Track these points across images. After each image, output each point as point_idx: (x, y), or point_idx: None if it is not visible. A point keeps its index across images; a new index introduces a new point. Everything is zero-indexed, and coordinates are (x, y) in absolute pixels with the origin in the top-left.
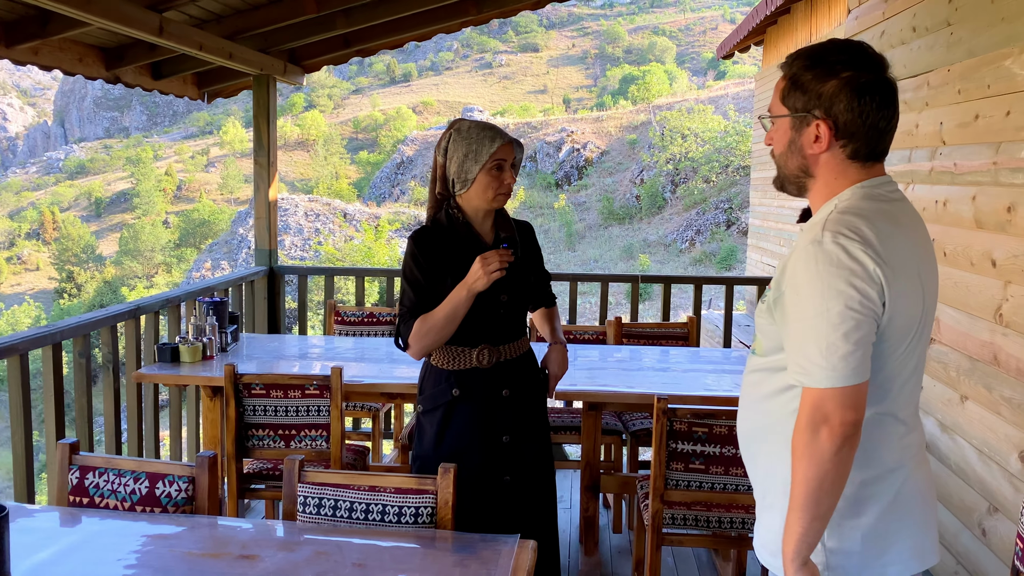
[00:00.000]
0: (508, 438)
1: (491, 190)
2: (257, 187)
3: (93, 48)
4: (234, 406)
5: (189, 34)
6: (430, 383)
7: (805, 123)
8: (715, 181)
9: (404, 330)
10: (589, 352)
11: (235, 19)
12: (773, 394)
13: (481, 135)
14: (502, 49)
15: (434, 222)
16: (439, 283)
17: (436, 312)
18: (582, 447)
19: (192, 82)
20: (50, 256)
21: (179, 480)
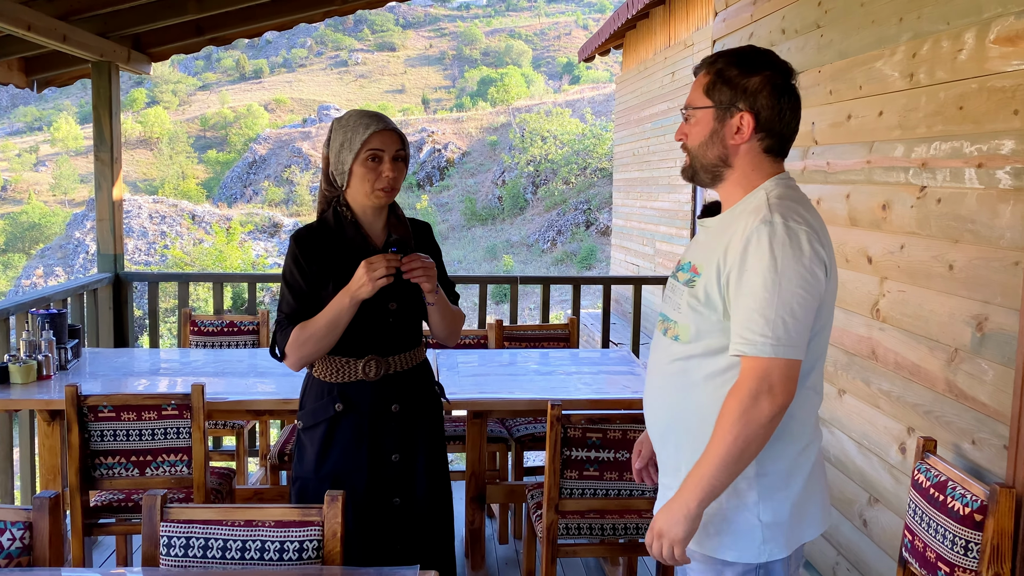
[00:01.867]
0: (398, 457)
1: (367, 183)
2: (99, 186)
3: None
4: (78, 432)
5: (14, 12)
6: (311, 397)
7: (729, 115)
8: (574, 183)
9: (281, 338)
10: (471, 356)
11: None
12: (706, 379)
13: (356, 122)
14: (358, 47)
15: (320, 221)
16: (322, 288)
17: (316, 320)
18: (467, 457)
19: (19, 68)
20: None
21: (12, 528)
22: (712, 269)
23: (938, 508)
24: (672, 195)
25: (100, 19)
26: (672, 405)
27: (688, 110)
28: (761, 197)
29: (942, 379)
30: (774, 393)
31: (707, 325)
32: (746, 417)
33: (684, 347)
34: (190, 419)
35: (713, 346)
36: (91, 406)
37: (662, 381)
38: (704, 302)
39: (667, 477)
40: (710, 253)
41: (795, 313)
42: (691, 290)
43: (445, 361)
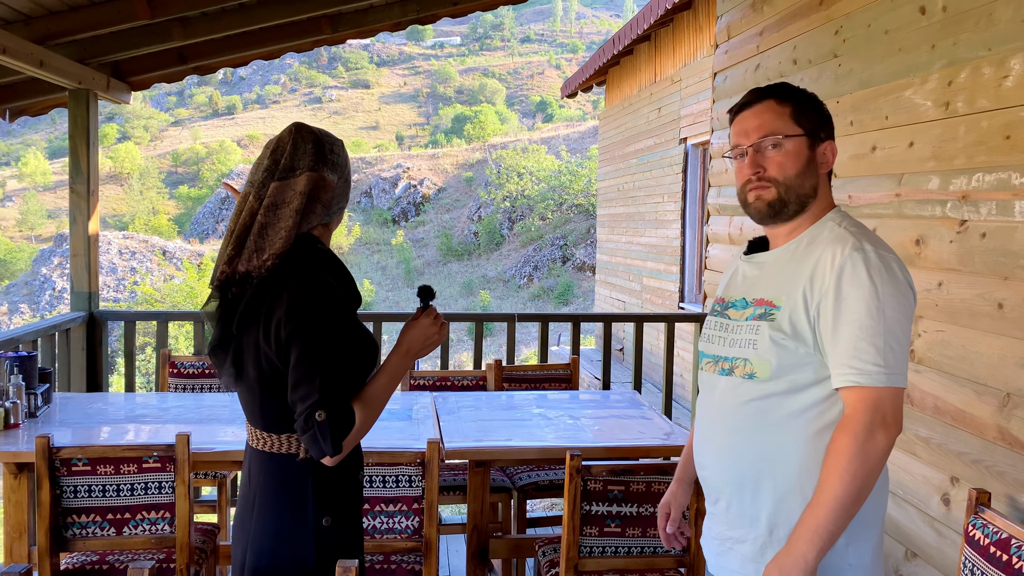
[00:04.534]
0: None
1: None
2: (73, 219)
3: None
4: (48, 488)
5: None
6: (337, 483)
7: (818, 143)
8: (550, 218)
9: (342, 427)
10: (470, 400)
11: (47, 21)
12: (790, 418)
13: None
14: (332, 84)
15: (326, 263)
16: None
17: (377, 394)
18: (468, 508)
19: None
20: None
21: None
22: (796, 300)
23: (1002, 569)
24: (660, 231)
25: (79, 44)
26: (749, 449)
27: (773, 138)
28: (833, 228)
29: (992, 425)
30: (888, 424)
31: (793, 359)
32: (863, 453)
33: (762, 385)
34: (174, 472)
35: (799, 381)
36: (64, 459)
37: (732, 424)
38: (791, 335)
39: (738, 530)
40: (786, 284)
41: (899, 340)
42: (772, 323)
43: (443, 404)
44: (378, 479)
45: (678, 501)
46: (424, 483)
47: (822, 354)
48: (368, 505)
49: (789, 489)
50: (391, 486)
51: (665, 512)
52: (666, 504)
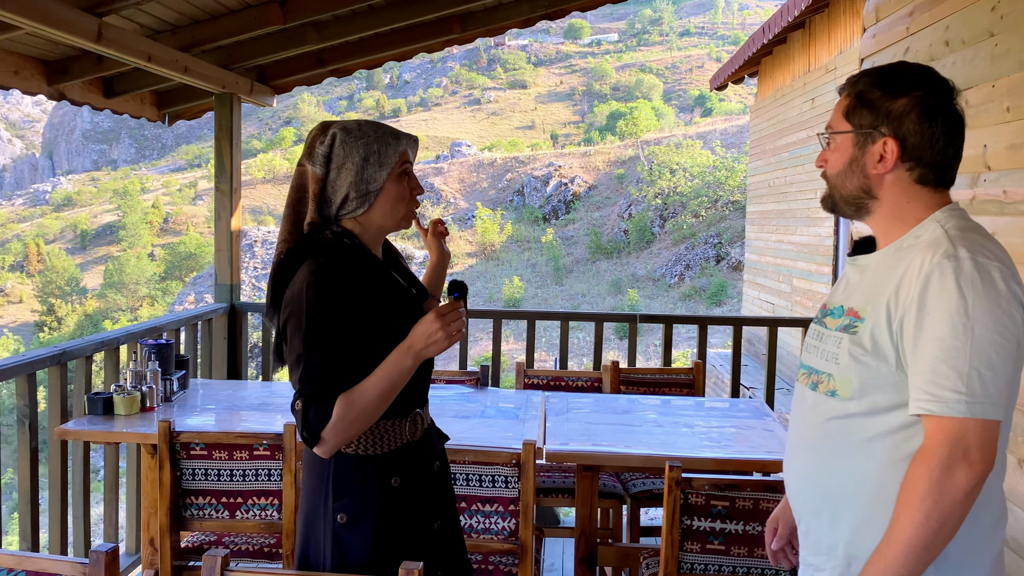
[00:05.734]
0: (440, 524)
1: (403, 204)
2: (218, 216)
3: (31, 60)
4: (169, 469)
5: (134, 43)
6: (350, 479)
7: (870, 141)
8: (704, 216)
9: (316, 418)
10: (583, 402)
11: (192, 30)
12: (871, 441)
13: (381, 132)
14: (491, 86)
15: (331, 255)
16: (356, 341)
17: (365, 390)
18: (576, 513)
19: (151, 102)
20: (33, 289)
21: None
22: (879, 313)
23: None
24: (812, 228)
25: (223, 51)
26: (828, 472)
27: (827, 135)
28: (934, 230)
29: None
30: (971, 460)
31: (874, 378)
32: (938, 491)
33: (843, 404)
34: (282, 460)
35: (881, 403)
36: (183, 443)
37: (814, 444)
38: (871, 351)
39: (817, 556)
40: (873, 294)
41: (992, 364)
42: (853, 337)
43: (555, 406)
44: (474, 478)
45: (786, 518)
46: (520, 485)
47: (906, 375)
48: (465, 503)
49: (868, 519)
50: (487, 485)
51: (772, 527)
52: (774, 519)
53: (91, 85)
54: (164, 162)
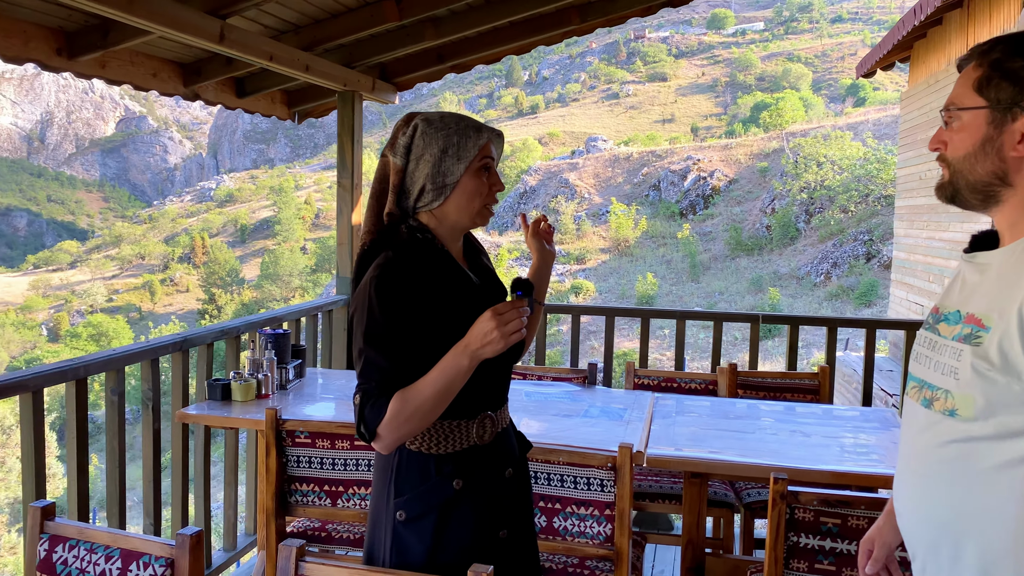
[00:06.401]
0: (506, 532)
1: (479, 199)
2: (340, 211)
3: (169, 63)
4: (276, 456)
5: (256, 43)
6: (411, 477)
7: (1010, 118)
8: (853, 211)
9: (372, 414)
10: (696, 405)
11: (313, 29)
12: (1000, 469)
13: (463, 125)
14: (629, 79)
15: (401, 250)
16: (419, 340)
17: (422, 388)
18: (683, 521)
19: (281, 100)
20: (198, 278)
21: (155, 563)
22: (1010, 321)
23: None
24: (966, 225)
25: (345, 49)
26: (947, 503)
27: (950, 111)
28: None
29: None
30: None
31: (1004, 397)
32: None
33: (965, 425)
34: None
35: (1012, 425)
36: (289, 430)
37: (929, 469)
38: (999, 366)
39: None
40: (1000, 299)
41: None
42: (976, 349)
43: (665, 408)
44: (568, 479)
45: (883, 539)
46: (616, 489)
47: None
48: (559, 505)
49: (999, 558)
50: (582, 488)
51: (867, 549)
52: (869, 540)
53: (223, 85)
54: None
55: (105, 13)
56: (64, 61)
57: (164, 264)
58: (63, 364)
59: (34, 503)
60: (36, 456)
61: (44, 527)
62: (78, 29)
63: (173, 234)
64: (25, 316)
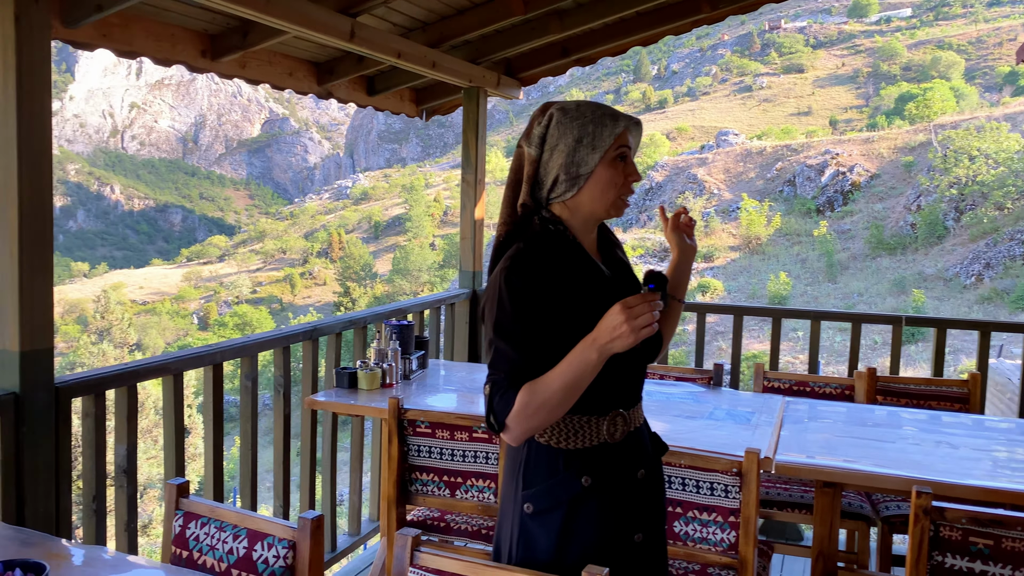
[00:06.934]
0: (641, 536)
1: (613, 190)
2: (464, 206)
3: (303, 62)
4: (397, 444)
5: (384, 40)
6: (540, 471)
7: None
8: (1010, 208)
9: (501, 405)
10: (830, 410)
11: (440, 26)
12: None
13: (598, 114)
14: (763, 71)
15: (533, 243)
16: (549, 333)
17: (549, 381)
18: (814, 532)
19: (409, 98)
20: (335, 272)
21: (279, 544)
22: None
23: None
24: None
25: (472, 45)
26: None
27: None
28: None
29: None
30: None
31: None
32: None
33: None
34: (498, 444)
35: None
36: (410, 419)
37: None
38: None
39: None
40: None
41: None
42: None
43: (796, 413)
44: (691, 483)
45: None
46: (741, 496)
47: None
48: (680, 509)
49: None
50: (705, 493)
51: None
52: None
53: (354, 84)
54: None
55: (244, 14)
56: (208, 62)
57: (304, 258)
58: (201, 350)
59: (171, 480)
60: (176, 435)
61: (179, 504)
62: (220, 31)
63: (312, 230)
64: (179, 305)
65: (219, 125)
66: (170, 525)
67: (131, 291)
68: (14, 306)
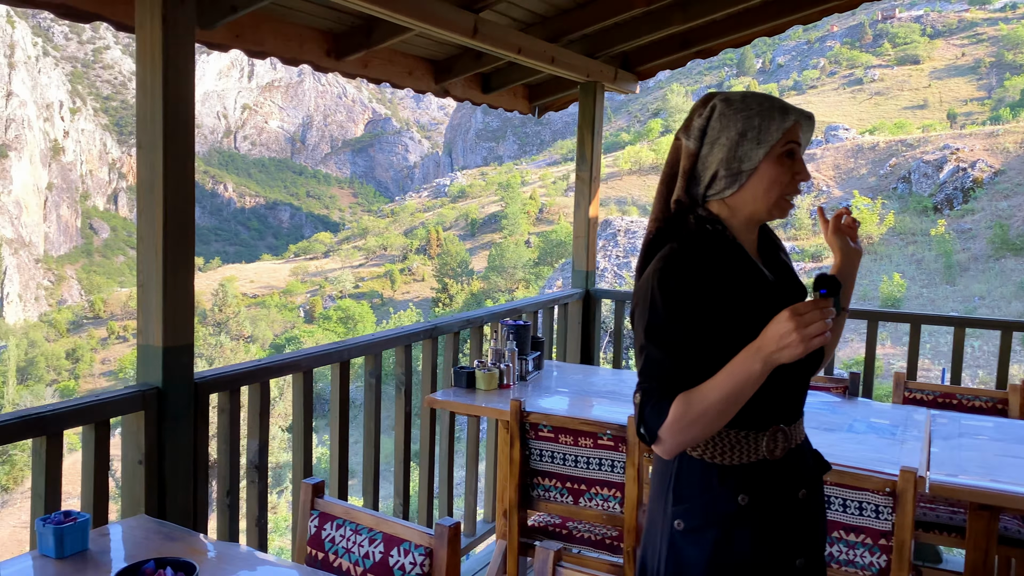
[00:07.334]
0: (802, 561)
1: (777, 188)
2: (577, 204)
3: (422, 60)
4: (519, 448)
5: (506, 36)
6: (693, 486)
7: None
8: None
9: (653, 416)
10: (981, 426)
11: (560, 20)
12: None
13: (766, 106)
14: (875, 63)
15: (688, 240)
16: (704, 337)
17: (707, 392)
18: (966, 557)
19: (522, 95)
20: (432, 269)
21: (415, 551)
22: None
23: None
24: None
25: (587, 39)
26: None
27: None
28: None
29: None
30: None
31: None
32: None
33: None
34: (625, 453)
35: None
36: (532, 423)
37: None
38: None
39: None
40: None
41: None
42: None
43: (943, 428)
44: (836, 501)
45: None
46: (895, 518)
47: None
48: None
49: None
50: (852, 512)
51: None
52: None
53: (470, 82)
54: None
55: (371, 11)
56: (333, 62)
57: (403, 255)
58: (329, 347)
59: (306, 480)
60: (305, 431)
61: (314, 504)
62: (345, 30)
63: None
64: (287, 299)
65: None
66: (305, 525)
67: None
68: (158, 303)
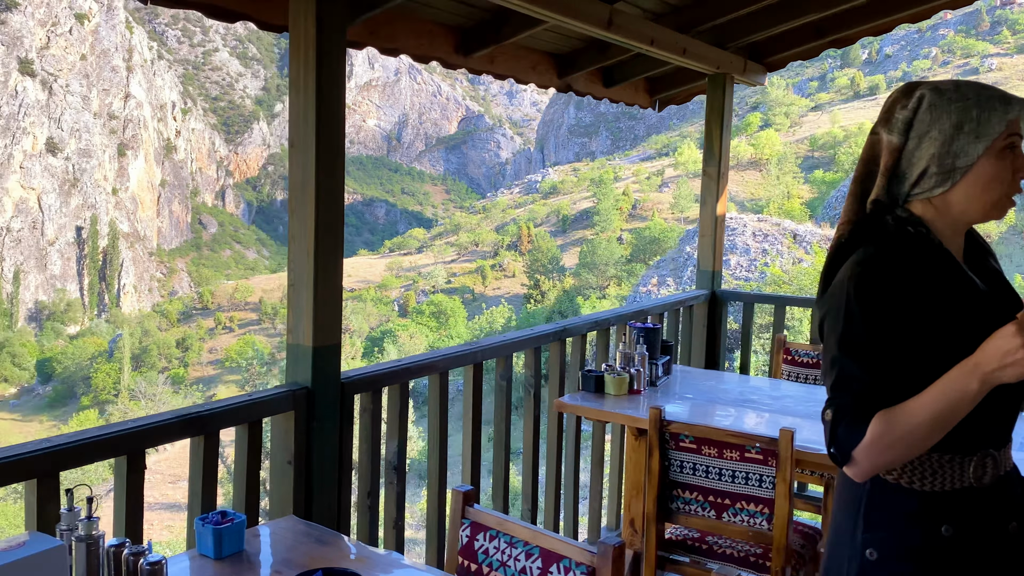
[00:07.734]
0: None
1: (998, 187)
2: (704, 201)
3: (546, 55)
4: (658, 458)
5: (639, 27)
6: (889, 512)
7: None
8: None
9: (847, 434)
10: None
11: (692, 10)
12: None
13: (984, 96)
14: (993, 52)
15: (887, 243)
16: (905, 350)
17: (914, 411)
18: None
19: (643, 89)
20: (523, 265)
21: (576, 569)
22: None
23: None
24: None
25: (717, 29)
26: None
27: None
28: None
29: None
30: None
31: None
32: None
33: None
34: (775, 468)
35: None
36: (672, 432)
37: None
38: None
39: None
40: None
41: None
42: None
43: None
44: None
45: None
46: None
47: None
48: None
49: None
50: None
51: None
52: None
53: (593, 76)
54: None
55: (507, 4)
56: (461, 58)
57: (494, 251)
58: (463, 348)
59: (457, 487)
60: (440, 432)
61: (465, 512)
62: (474, 26)
63: (503, 223)
64: (381, 293)
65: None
66: (456, 534)
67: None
68: (309, 302)
